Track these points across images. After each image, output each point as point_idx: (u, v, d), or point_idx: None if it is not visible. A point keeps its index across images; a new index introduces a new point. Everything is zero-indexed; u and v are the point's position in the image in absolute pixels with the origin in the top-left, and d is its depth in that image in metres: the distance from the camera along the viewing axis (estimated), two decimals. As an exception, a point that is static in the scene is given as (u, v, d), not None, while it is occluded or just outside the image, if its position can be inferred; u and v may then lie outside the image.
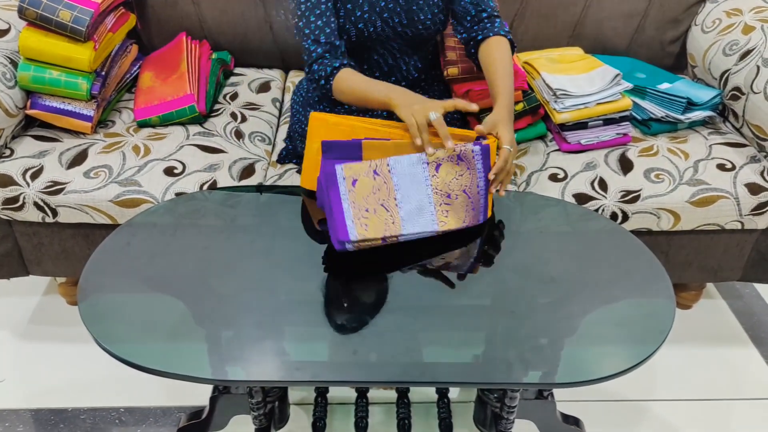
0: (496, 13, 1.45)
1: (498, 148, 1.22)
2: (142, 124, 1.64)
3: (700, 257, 1.60)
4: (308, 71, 1.39)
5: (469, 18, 1.45)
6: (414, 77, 1.54)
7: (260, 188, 1.45)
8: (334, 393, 1.52)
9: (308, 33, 1.37)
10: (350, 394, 1.48)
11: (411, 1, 1.42)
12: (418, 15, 1.43)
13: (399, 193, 1.15)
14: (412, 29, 1.44)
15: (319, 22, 1.36)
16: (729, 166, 1.52)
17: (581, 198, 1.47)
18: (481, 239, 1.23)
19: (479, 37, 1.43)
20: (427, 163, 1.16)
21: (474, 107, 1.24)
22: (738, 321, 1.83)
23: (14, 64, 1.56)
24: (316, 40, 1.37)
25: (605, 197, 1.47)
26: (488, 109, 1.55)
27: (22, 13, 1.49)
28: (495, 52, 1.40)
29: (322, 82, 1.37)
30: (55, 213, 1.47)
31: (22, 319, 1.80)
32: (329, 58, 1.37)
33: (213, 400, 1.38)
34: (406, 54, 1.50)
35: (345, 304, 1.08)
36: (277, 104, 1.84)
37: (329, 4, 1.38)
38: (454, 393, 1.56)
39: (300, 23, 1.38)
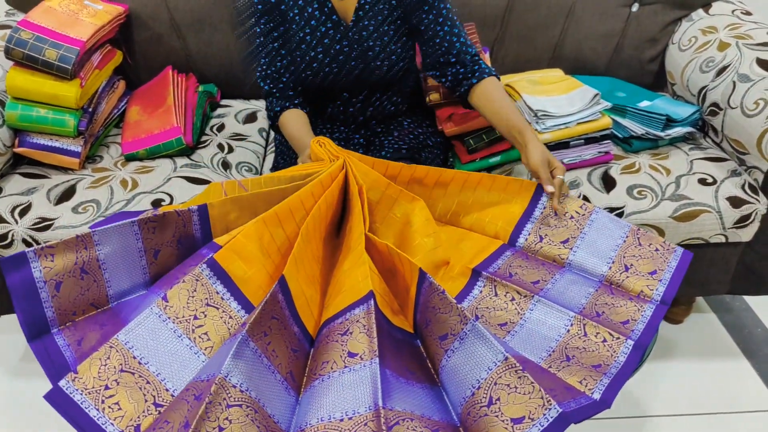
0: (477, 57, 1.44)
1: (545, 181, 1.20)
2: (129, 158, 1.66)
3: (687, 271, 1.60)
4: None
5: (453, 63, 1.43)
6: (391, 110, 1.57)
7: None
8: None
9: (259, 71, 1.47)
10: None
11: (367, 49, 1.42)
12: (374, 62, 1.43)
13: None
14: (371, 75, 1.45)
15: (266, 60, 1.45)
16: (710, 180, 1.54)
17: (566, 217, 1.49)
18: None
19: (474, 81, 1.41)
20: None
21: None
22: (729, 334, 1.83)
23: (2, 103, 1.58)
24: (263, 76, 1.47)
25: (589, 215, 1.48)
26: (472, 132, 1.59)
27: (8, 53, 1.52)
28: (494, 92, 1.39)
29: (270, 121, 1.50)
30: (44, 249, 1.48)
31: (13, 357, 1.79)
32: (278, 97, 1.47)
33: None
34: (378, 90, 1.52)
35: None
36: (264, 134, 1.87)
37: (275, 45, 1.44)
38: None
39: (255, 62, 1.47)
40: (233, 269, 0.99)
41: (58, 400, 0.87)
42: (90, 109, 1.64)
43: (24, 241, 1.46)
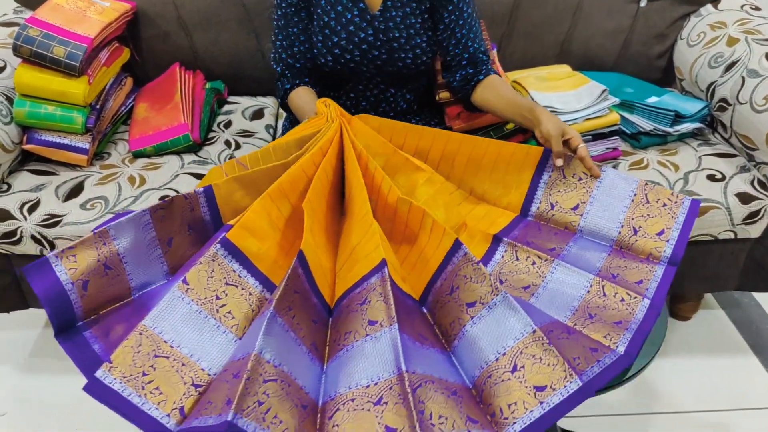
0: (488, 60, 1.48)
1: (572, 150, 1.20)
2: (137, 155, 1.66)
3: (696, 268, 1.60)
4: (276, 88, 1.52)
5: (465, 65, 1.46)
6: (403, 108, 1.57)
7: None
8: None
9: (273, 52, 1.49)
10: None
11: (392, 39, 1.42)
12: (398, 54, 1.43)
13: None
14: (393, 67, 1.45)
15: (284, 42, 1.46)
16: (719, 176, 1.53)
17: (573, 213, 1.48)
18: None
19: (481, 77, 1.45)
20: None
21: None
22: (737, 330, 1.83)
23: (10, 100, 1.59)
24: (277, 59, 1.48)
25: (597, 211, 1.48)
26: (480, 129, 1.58)
27: (16, 50, 1.52)
28: (500, 85, 1.43)
29: (279, 100, 1.51)
30: (52, 245, 1.48)
31: (22, 353, 1.80)
32: (289, 77, 1.48)
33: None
34: (393, 86, 1.51)
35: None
36: (271, 130, 1.87)
37: (295, 29, 1.44)
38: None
39: (270, 43, 1.48)
40: (247, 246, 1.01)
41: (97, 390, 0.87)
42: (98, 106, 1.65)
43: (33, 237, 1.47)
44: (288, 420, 0.81)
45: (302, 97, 1.45)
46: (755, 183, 1.51)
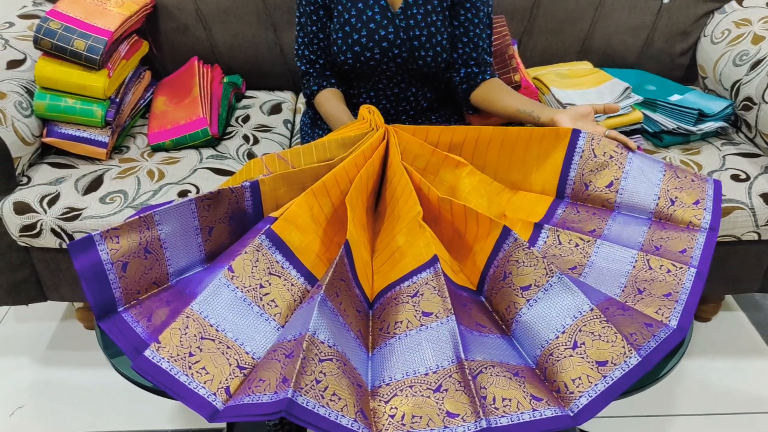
0: (491, 61, 1.51)
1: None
2: (156, 149, 1.66)
3: (718, 269, 1.58)
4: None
5: (472, 64, 1.48)
6: (424, 106, 1.56)
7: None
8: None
9: (296, 49, 1.52)
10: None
11: (413, 37, 1.42)
12: (419, 52, 1.43)
13: None
14: (414, 65, 1.45)
15: (305, 40, 1.49)
16: (743, 176, 1.51)
17: (595, 212, 1.47)
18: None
19: (487, 76, 1.47)
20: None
21: None
22: (758, 333, 1.80)
23: (30, 93, 1.59)
24: (300, 56, 1.51)
25: (619, 211, 1.46)
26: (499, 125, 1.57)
27: (37, 43, 1.52)
28: (506, 87, 1.45)
29: (306, 99, 1.55)
30: (71, 239, 1.49)
31: (40, 345, 1.81)
32: (314, 77, 1.51)
33: (230, 422, 1.38)
34: (414, 85, 1.51)
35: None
36: (289, 125, 1.86)
37: (314, 28, 1.46)
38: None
39: (293, 39, 1.50)
40: (290, 239, 1.04)
41: (146, 368, 0.90)
42: (117, 100, 1.65)
43: (52, 230, 1.47)
44: (347, 397, 0.83)
45: (331, 102, 1.46)
46: (780, 184, 1.49)
